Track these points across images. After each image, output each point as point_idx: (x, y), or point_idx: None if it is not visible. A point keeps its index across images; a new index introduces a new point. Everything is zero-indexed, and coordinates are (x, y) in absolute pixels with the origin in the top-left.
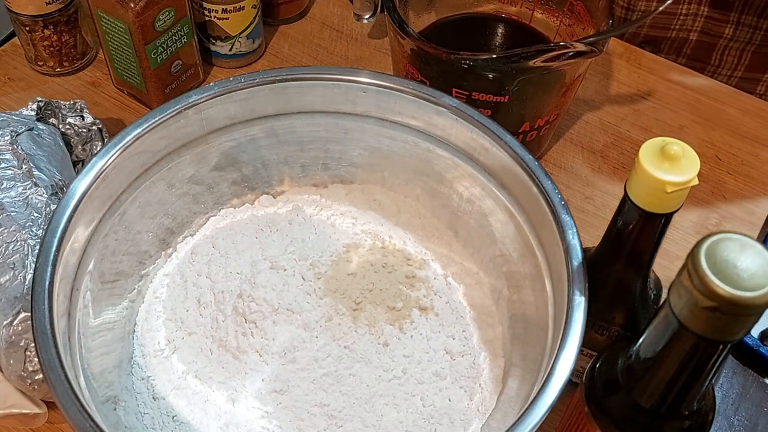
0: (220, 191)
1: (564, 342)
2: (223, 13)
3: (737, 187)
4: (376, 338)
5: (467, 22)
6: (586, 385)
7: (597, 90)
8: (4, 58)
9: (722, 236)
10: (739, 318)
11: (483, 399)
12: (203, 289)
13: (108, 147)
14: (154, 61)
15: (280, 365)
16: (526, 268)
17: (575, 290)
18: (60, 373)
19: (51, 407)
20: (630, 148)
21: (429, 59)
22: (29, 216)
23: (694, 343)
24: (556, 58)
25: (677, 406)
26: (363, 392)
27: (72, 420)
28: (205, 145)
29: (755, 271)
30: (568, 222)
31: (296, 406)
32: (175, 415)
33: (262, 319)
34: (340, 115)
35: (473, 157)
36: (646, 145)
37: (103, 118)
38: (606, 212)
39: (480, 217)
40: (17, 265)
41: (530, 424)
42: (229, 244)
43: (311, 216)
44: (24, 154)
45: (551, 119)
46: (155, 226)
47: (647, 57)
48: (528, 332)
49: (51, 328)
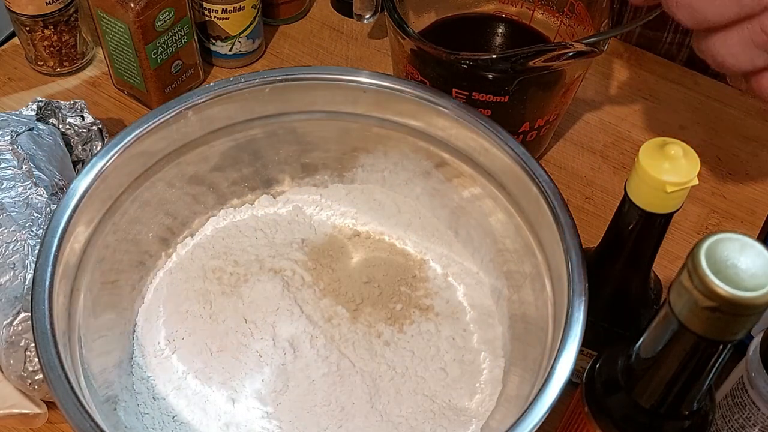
0: (220, 191)
1: (564, 342)
2: (223, 13)
3: (737, 187)
4: (376, 338)
5: (467, 22)
6: (586, 385)
7: (597, 90)
8: (4, 58)
9: (722, 236)
10: (739, 318)
11: (483, 399)
12: (203, 289)
13: (108, 147)
14: (154, 61)
15: (280, 365)
16: (526, 268)
17: (575, 290)
18: (60, 373)
19: (51, 407)
20: (630, 148)
21: (429, 59)
22: (29, 216)
23: (694, 343)
24: (556, 58)
25: (677, 406)
26: (363, 392)
27: (72, 420)
28: (205, 145)
29: (755, 271)
30: (568, 222)
31: (296, 406)
32: (175, 415)
33: (262, 319)
34: (340, 115)
35: (473, 157)
36: (646, 145)
37: (103, 118)
38: (606, 212)
39: (480, 217)
40: (17, 265)
41: (530, 424)
42: (229, 244)
43: (311, 216)
44: (24, 154)
45: (551, 119)
46: (155, 226)
47: (647, 57)
48: (528, 332)
49: (51, 328)
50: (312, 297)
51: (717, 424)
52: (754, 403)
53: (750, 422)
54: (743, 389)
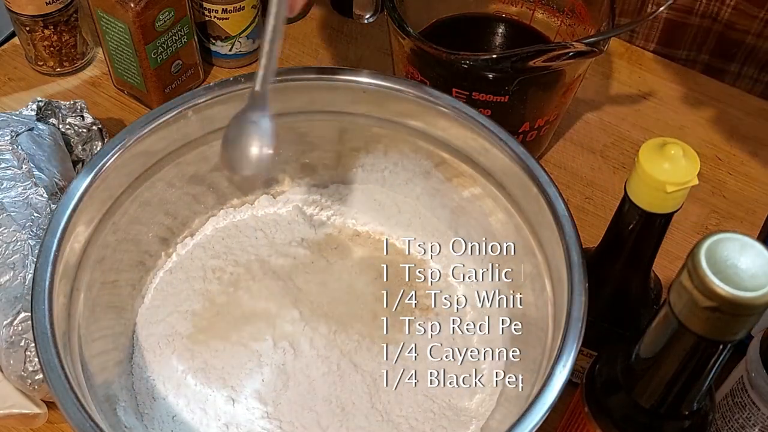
0: (220, 191)
1: (564, 342)
2: (223, 13)
3: (737, 187)
4: (376, 338)
5: (467, 22)
6: (586, 385)
7: (597, 90)
8: (4, 58)
9: (722, 236)
10: (739, 318)
11: (483, 399)
12: (203, 289)
13: (108, 147)
14: (154, 61)
15: (280, 365)
16: (526, 268)
17: (575, 290)
18: (60, 373)
19: (51, 407)
20: (630, 148)
21: (429, 59)
22: (29, 216)
23: (694, 343)
24: (556, 58)
25: (677, 406)
26: (363, 392)
27: (72, 420)
28: (205, 145)
29: (755, 271)
30: (568, 222)
31: (296, 406)
32: (175, 415)
33: (263, 319)
34: (340, 115)
35: (473, 157)
36: (646, 145)
37: (103, 118)
38: (606, 212)
39: (480, 217)
40: (17, 265)
41: (530, 424)
42: (229, 244)
43: (311, 216)
44: (24, 154)
45: (551, 119)
46: (155, 226)
47: (647, 57)
48: (528, 332)
49: (51, 328)
50: (312, 297)
51: (717, 424)
52: (754, 403)
53: (750, 422)
54: (743, 389)
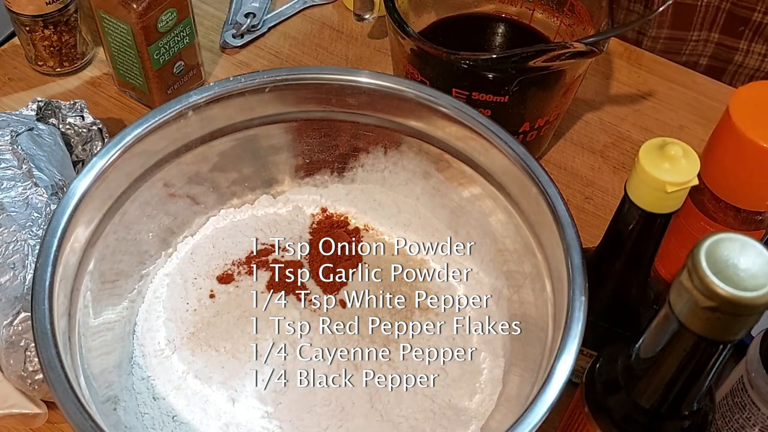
0: (220, 191)
1: (564, 342)
2: None
3: None
4: (376, 338)
5: (467, 22)
6: (586, 385)
7: (597, 90)
8: (4, 58)
9: (722, 236)
10: (739, 318)
11: (483, 399)
12: (203, 289)
13: (108, 147)
14: (156, 62)
15: (281, 365)
16: (526, 267)
17: (575, 290)
18: (60, 373)
19: (51, 407)
20: (630, 148)
21: (429, 59)
22: (29, 216)
23: (694, 343)
24: (556, 58)
25: (677, 406)
26: (363, 392)
27: (72, 420)
28: (205, 145)
29: (755, 271)
30: (568, 222)
31: (296, 406)
32: (175, 415)
33: (262, 319)
34: (340, 115)
35: (473, 157)
36: (646, 145)
37: (103, 118)
38: (606, 212)
39: (480, 217)
40: (17, 265)
41: (530, 424)
42: (229, 244)
43: (311, 216)
44: (24, 154)
45: (551, 119)
46: (155, 226)
47: (647, 57)
48: (528, 332)
49: (51, 328)
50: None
51: (717, 424)
52: (754, 403)
53: (750, 422)
54: (743, 389)
